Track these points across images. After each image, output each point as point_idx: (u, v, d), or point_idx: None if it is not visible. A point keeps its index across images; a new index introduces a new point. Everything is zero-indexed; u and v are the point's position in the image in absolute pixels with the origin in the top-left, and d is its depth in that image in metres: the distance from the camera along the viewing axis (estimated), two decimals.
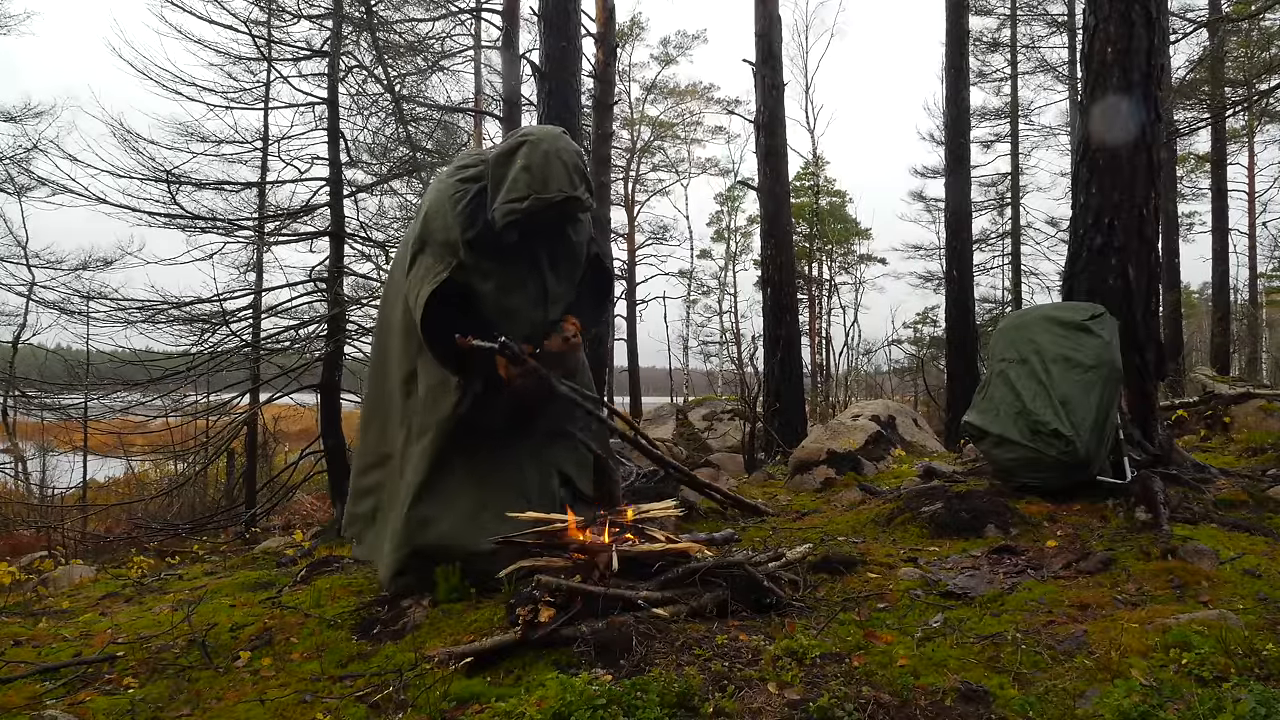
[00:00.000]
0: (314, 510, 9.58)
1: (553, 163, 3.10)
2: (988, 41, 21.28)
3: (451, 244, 3.26)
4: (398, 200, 9.58)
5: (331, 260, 7.78)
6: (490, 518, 3.25)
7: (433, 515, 3.33)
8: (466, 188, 3.30)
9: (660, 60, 25.75)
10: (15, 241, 12.71)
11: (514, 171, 3.12)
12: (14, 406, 11.67)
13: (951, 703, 2.06)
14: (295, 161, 8.61)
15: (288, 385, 8.34)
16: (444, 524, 3.32)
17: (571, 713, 1.95)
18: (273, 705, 2.49)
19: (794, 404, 11.61)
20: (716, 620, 2.65)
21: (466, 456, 3.40)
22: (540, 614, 2.52)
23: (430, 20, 10.47)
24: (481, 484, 3.41)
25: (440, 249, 3.31)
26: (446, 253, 3.28)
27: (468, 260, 3.25)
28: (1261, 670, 2.15)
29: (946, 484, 4.73)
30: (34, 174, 10.02)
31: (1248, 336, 21.94)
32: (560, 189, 3.09)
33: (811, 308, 25.56)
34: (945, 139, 14.51)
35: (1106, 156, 4.73)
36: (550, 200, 3.08)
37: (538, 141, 3.16)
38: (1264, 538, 3.56)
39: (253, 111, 13.24)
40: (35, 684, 2.95)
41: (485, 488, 3.41)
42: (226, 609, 3.75)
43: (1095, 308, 4.32)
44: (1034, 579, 3.13)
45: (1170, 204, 15.98)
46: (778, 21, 12.04)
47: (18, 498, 11.64)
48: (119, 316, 7.94)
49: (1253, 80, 13.10)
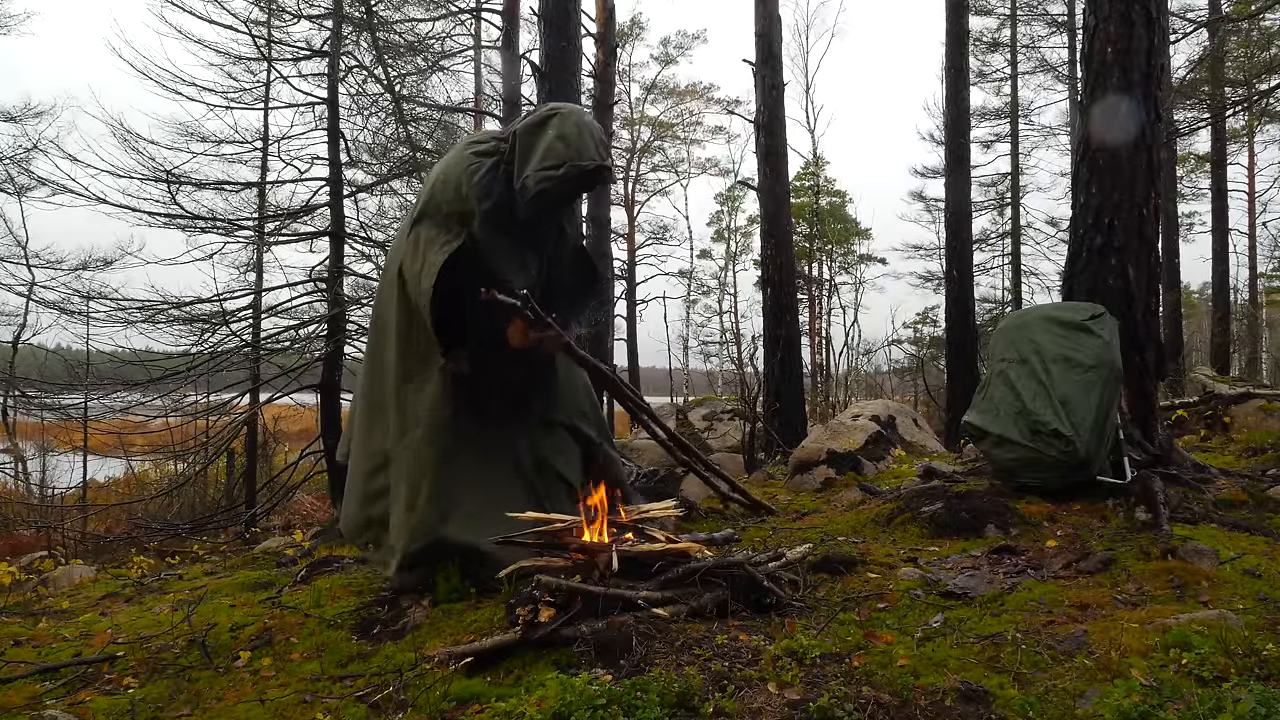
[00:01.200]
0: (314, 510, 9.58)
1: (585, 134, 3.22)
2: (988, 41, 21.28)
3: (464, 214, 3.27)
4: (398, 200, 9.58)
5: (331, 260, 7.78)
6: (494, 514, 3.24)
7: (437, 510, 3.30)
8: (481, 160, 3.35)
9: (660, 60, 25.78)
10: (15, 241, 12.72)
11: (547, 140, 3.20)
12: (14, 406, 11.67)
13: (951, 703, 2.06)
14: (295, 161, 8.62)
15: (288, 385, 8.35)
16: (449, 520, 3.29)
17: (571, 713, 1.95)
18: (273, 705, 2.49)
19: (794, 404, 11.61)
20: (716, 620, 2.65)
21: (465, 447, 3.37)
22: (540, 614, 2.52)
23: (430, 20, 10.48)
24: (483, 477, 3.39)
25: (447, 220, 3.30)
26: (454, 223, 3.28)
27: (480, 233, 3.26)
28: (1261, 670, 2.15)
29: (946, 484, 4.73)
30: (34, 174, 10.03)
31: (1248, 336, 21.94)
32: (593, 158, 3.19)
33: (811, 308, 25.56)
34: (945, 139, 14.52)
35: (1106, 156, 4.73)
36: (584, 168, 3.18)
37: (569, 114, 3.29)
38: (1264, 538, 3.56)
39: (253, 111, 13.25)
40: (35, 684, 2.94)
41: (487, 482, 3.39)
42: (226, 609, 3.75)
43: (1095, 308, 4.32)
44: (1034, 579, 3.13)
45: (1170, 204, 15.98)
46: (778, 21, 12.05)
47: (18, 498, 11.64)
48: (119, 316, 7.95)
49: (1253, 80, 13.09)
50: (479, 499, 3.34)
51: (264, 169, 9.90)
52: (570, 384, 3.83)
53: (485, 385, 3.41)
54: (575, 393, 3.84)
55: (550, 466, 3.63)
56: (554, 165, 3.17)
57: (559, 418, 3.73)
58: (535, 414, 3.64)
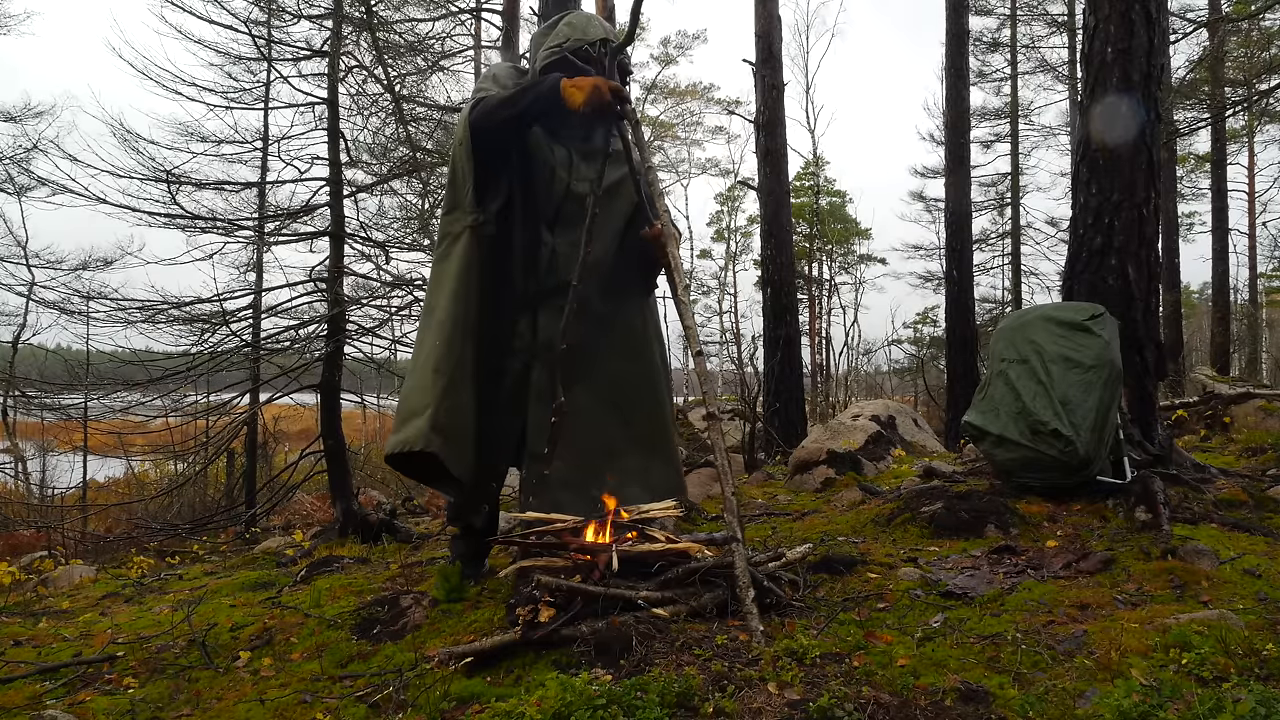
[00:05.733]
0: (314, 510, 9.57)
1: (592, 20, 3.40)
2: (988, 41, 21.31)
3: (503, 87, 3.33)
4: (398, 200, 9.58)
5: (331, 260, 7.76)
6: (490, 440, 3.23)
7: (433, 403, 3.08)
8: (516, 70, 3.55)
9: (660, 60, 25.80)
10: (15, 241, 12.73)
11: (557, 29, 3.38)
12: (14, 406, 11.68)
13: (951, 703, 2.06)
14: (295, 161, 8.59)
15: (288, 385, 8.33)
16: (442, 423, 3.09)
17: (571, 713, 1.95)
18: (273, 705, 2.49)
19: (794, 404, 11.62)
20: (716, 620, 2.65)
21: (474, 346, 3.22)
22: (540, 614, 2.52)
23: (430, 20, 10.47)
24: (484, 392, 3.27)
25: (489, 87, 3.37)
26: (491, 87, 3.34)
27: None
28: (1261, 670, 2.15)
29: (946, 484, 4.73)
30: (34, 174, 10.00)
31: (1248, 336, 21.95)
32: (598, 33, 3.31)
33: (811, 308, 25.57)
34: (945, 139, 14.51)
35: (1106, 156, 4.73)
36: (589, 38, 3.28)
37: (578, 11, 3.51)
38: (1264, 538, 3.56)
39: (253, 111, 13.27)
40: (35, 684, 2.95)
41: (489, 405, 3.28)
42: (226, 609, 3.75)
43: (1095, 308, 4.32)
44: (1034, 579, 3.13)
45: (1170, 204, 15.98)
46: (778, 21, 12.05)
47: (18, 498, 11.65)
48: (119, 316, 7.92)
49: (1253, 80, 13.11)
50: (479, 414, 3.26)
51: (264, 169, 9.89)
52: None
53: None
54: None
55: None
56: (559, 43, 3.32)
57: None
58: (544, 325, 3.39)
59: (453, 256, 3.24)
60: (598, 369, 3.37)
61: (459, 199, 3.29)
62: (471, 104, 3.26)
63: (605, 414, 3.37)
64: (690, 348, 3.13)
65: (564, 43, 3.29)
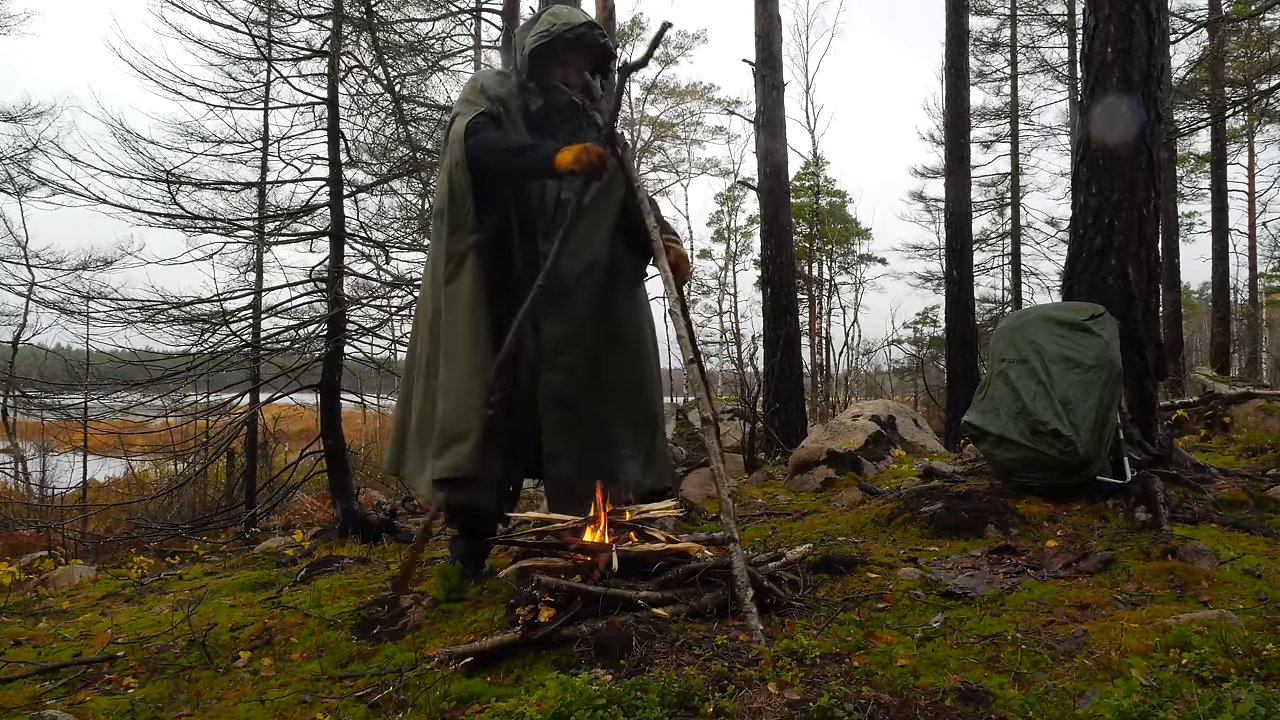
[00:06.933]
0: (314, 510, 9.57)
1: (575, 12, 3.44)
2: (988, 41, 21.32)
3: (491, 98, 3.35)
4: (398, 200, 9.57)
5: (331, 260, 7.76)
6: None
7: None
8: (503, 75, 3.54)
9: (660, 60, 25.77)
10: (15, 241, 12.74)
11: (540, 20, 3.40)
12: (14, 406, 11.68)
13: (951, 703, 2.06)
14: (295, 161, 8.59)
15: (288, 385, 8.33)
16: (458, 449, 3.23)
17: (571, 713, 1.95)
18: (273, 705, 2.49)
19: (794, 404, 11.62)
20: (716, 620, 2.65)
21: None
22: (540, 614, 2.52)
23: (430, 20, 10.46)
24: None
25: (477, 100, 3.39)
26: (479, 101, 3.36)
27: (498, 110, 3.35)
28: (1261, 670, 2.15)
29: (946, 484, 4.73)
30: (34, 174, 10.00)
31: (1248, 336, 21.96)
32: (582, 21, 3.36)
33: (811, 308, 25.58)
34: (945, 139, 14.52)
35: (1106, 156, 4.73)
36: (572, 25, 3.32)
37: (560, 7, 3.58)
38: (1264, 538, 3.56)
39: (253, 111, 13.24)
40: (35, 684, 2.95)
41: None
42: (226, 609, 3.75)
43: (1095, 308, 4.32)
44: (1034, 579, 3.13)
45: (1170, 204, 15.98)
46: (778, 21, 12.05)
47: (18, 498, 11.65)
48: (119, 316, 7.92)
49: (1253, 80, 13.11)
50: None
51: (264, 169, 9.88)
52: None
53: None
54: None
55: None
56: (542, 32, 3.34)
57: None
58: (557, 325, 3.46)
59: (463, 276, 3.32)
60: (597, 361, 3.45)
61: (460, 219, 3.32)
62: (466, 125, 3.23)
63: (604, 403, 3.46)
64: (684, 355, 3.13)
65: (549, 30, 3.32)
